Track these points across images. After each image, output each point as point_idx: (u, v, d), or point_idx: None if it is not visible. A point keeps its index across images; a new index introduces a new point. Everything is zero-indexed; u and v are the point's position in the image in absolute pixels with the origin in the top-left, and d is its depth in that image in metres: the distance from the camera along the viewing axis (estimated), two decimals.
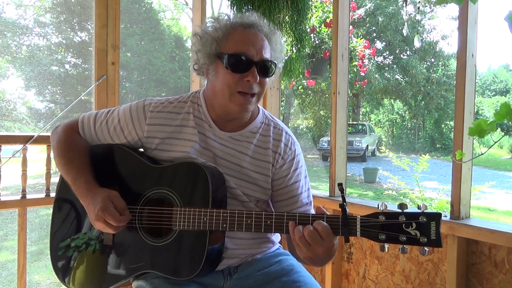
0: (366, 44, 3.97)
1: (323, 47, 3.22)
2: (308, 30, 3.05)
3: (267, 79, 1.26)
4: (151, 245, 1.21)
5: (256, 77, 1.20)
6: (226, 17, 1.26)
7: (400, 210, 1.03)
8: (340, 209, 1.07)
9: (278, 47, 1.30)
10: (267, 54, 1.24)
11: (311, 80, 3.42)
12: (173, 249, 1.18)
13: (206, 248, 1.14)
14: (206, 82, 1.33)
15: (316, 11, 3.18)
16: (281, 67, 1.33)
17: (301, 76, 2.96)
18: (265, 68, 1.23)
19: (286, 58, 2.53)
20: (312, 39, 3.15)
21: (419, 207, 1.02)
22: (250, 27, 1.24)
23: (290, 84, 3.35)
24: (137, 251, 1.23)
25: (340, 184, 1.05)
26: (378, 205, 1.06)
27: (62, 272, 1.33)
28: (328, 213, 1.09)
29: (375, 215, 1.04)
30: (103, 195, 1.19)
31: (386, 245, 1.03)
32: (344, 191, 1.10)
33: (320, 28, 3.20)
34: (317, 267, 1.50)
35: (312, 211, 1.35)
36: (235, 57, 1.20)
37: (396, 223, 1.02)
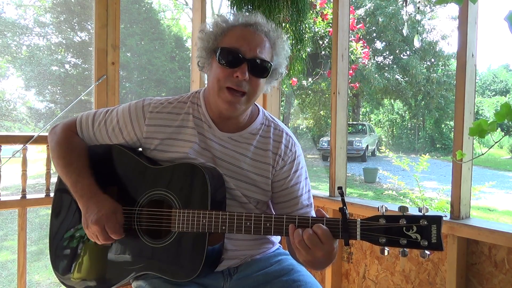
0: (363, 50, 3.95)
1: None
2: (321, 31, 3.04)
3: (261, 80, 1.23)
4: (150, 247, 1.20)
5: (245, 73, 1.17)
6: (229, 15, 1.26)
7: (401, 213, 1.02)
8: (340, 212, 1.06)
9: (283, 52, 1.28)
10: (262, 54, 1.21)
11: (294, 79, 3.39)
12: (172, 251, 1.18)
13: (206, 250, 1.14)
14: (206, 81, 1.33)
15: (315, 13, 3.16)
16: (282, 72, 1.30)
17: (302, 75, 2.95)
18: (256, 67, 1.20)
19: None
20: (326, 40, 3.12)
21: (420, 210, 1.01)
22: (250, 26, 1.23)
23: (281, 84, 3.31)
24: (136, 252, 1.23)
25: (340, 188, 1.05)
26: (378, 207, 1.05)
27: (62, 271, 1.33)
28: (328, 216, 1.09)
29: (376, 218, 1.03)
30: (110, 205, 1.20)
31: (387, 248, 1.02)
32: (344, 194, 1.09)
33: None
34: (317, 270, 1.49)
35: (313, 213, 1.35)
36: (227, 52, 1.19)
37: (397, 226, 1.01)
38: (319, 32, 3.10)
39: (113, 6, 2.35)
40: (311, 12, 3.09)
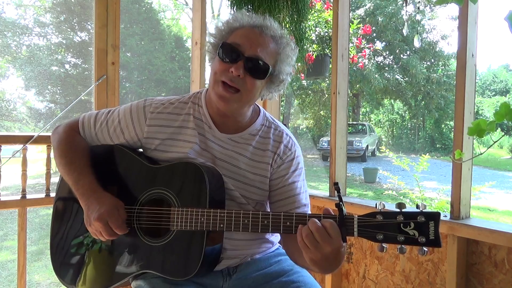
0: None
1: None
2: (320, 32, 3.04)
3: (257, 81, 1.22)
4: (149, 245, 1.21)
5: (239, 69, 1.17)
6: (243, 15, 1.27)
7: (398, 210, 1.01)
8: (337, 209, 1.06)
9: (289, 60, 1.27)
10: (263, 55, 1.20)
11: None
12: (171, 249, 1.18)
13: (204, 249, 1.14)
14: None
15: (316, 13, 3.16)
16: (285, 79, 1.29)
17: (302, 75, 2.95)
18: (254, 66, 1.19)
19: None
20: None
21: (417, 207, 1.01)
22: (257, 27, 1.23)
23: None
24: (135, 251, 1.23)
25: (335, 184, 1.04)
26: (376, 204, 1.04)
27: (63, 272, 1.33)
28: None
29: (373, 214, 1.03)
30: (111, 201, 1.20)
31: (385, 245, 1.02)
32: (340, 191, 1.08)
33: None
34: (326, 273, 1.45)
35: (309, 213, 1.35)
36: (227, 47, 1.20)
37: (394, 222, 1.00)
38: (330, 33, 3.10)
39: (113, 6, 2.35)
40: (324, 12, 3.10)
